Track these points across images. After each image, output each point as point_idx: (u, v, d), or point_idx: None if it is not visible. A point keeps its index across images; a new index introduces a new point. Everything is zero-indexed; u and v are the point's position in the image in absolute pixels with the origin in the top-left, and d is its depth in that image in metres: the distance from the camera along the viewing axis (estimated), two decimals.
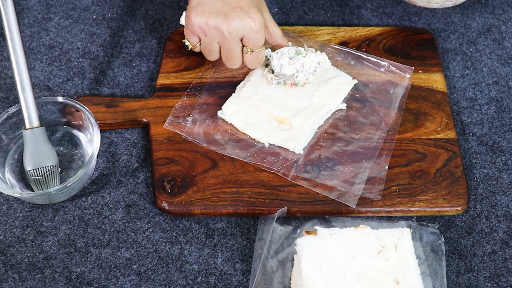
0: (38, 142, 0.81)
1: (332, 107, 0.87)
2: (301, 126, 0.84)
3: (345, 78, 0.90)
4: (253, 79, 0.89)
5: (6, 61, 0.97)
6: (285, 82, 0.88)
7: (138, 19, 1.03)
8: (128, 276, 0.76)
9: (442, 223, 0.80)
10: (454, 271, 0.77)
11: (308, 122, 0.85)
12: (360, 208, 0.79)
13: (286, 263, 0.75)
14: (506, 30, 1.02)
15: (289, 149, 0.84)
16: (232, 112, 0.86)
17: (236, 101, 0.87)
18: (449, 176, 0.82)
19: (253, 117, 0.86)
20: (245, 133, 0.86)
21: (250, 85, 0.89)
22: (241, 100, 0.87)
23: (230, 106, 0.87)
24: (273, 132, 0.85)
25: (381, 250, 0.70)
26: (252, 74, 0.90)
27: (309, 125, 0.85)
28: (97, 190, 0.83)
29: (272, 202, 0.80)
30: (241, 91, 0.88)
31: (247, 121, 0.86)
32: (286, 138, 0.84)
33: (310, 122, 0.85)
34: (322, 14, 1.03)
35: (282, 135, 0.84)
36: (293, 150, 0.83)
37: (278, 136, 0.84)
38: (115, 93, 0.93)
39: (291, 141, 0.83)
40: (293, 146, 0.83)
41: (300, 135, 0.84)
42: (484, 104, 0.92)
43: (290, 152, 0.84)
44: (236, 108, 0.87)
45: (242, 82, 0.90)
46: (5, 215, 0.81)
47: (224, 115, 0.87)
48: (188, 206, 0.79)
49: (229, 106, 0.87)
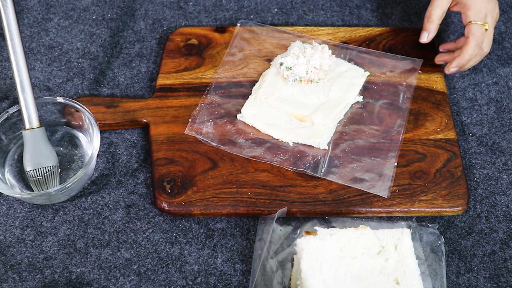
0: (38, 142, 0.81)
1: (350, 100, 0.88)
2: (322, 122, 0.85)
3: (357, 71, 0.91)
4: (268, 79, 0.90)
5: (6, 62, 0.97)
6: (301, 79, 0.88)
7: (138, 19, 1.03)
8: (128, 277, 0.76)
9: (442, 224, 0.80)
10: (454, 271, 0.77)
11: (329, 117, 0.85)
12: (360, 209, 0.79)
13: (286, 264, 0.75)
14: (506, 30, 1.02)
15: (314, 145, 0.84)
16: (252, 115, 0.86)
17: (254, 103, 0.87)
18: (449, 176, 0.82)
19: (274, 117, 0.87)
20: (267, 134, 0.86)
21: (266, 85, 0.89)
22: (259, 101, 0.87)
23: (250, 109, 0.87)
24: (295, 131, 0.85)
25: (381, 251, 0.70)
26: (266, 74, 0.91)
27: (331, 120, 0.85)
28: (97, 191, 0.83)
29: (272, 202, 0.80)
30: (258, 93, 0.88)
31: (268, 122, 0.86)
32: (309, 135, 0.85)
33: (331, 117, 0.86)
34: (322, 14, 1.03)
35: (305, 133, 0.85)
36: (318, 147, 0.84)
37: (302, 134, 0.85)
38: (115, 94, 0.93)
39: (315, 138, 0.84)
40: (317, 143, 0.84)
41: (323, 130, 0.85)
42: (484, 105, 0.92)
43: (315, 148, 0.84)
44: (256, 110, 0.87)
45: (257, 83, 0.90)
46: (5, 215, 0.81)
47: (244, 118, 0.87)
48: (188, 206, 0.79)
49: (248, 108, 0.87)
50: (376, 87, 0.91)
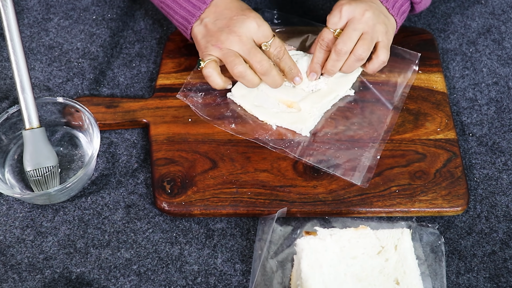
0: (38, 142, 0.81)
1: (340, 93, 0.89)
2: (309, 110, 0.86)
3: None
4: None
5: (6, 62, 0.97)
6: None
7: (137, 19, 1.03)
8: (128, 277, 0.76)
9: (442, 224, 0.80)
10: (454, 271, 0.77)
11: (316, 106, 0.86)
12: (360, 209, 0.79)
13: (286, 264, 0.75)
14: (506, 31, 1.02)
15: (296, 131, 0.85)
16: (242, 95, 0.88)
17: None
18: (449, 176, 0.82)
19: (262, 100, 0.88)
20: (253, 115, 0.87)
21: None
22: None
23: (240, 89, 0.88)
24: (281, 115, 0.86)
25: (381, 251, 0.70)
26: None
27: (317, 109, 0.86)
28: (97, 191, 0.83)
29: (271, 202, 0.80)
30: None
31: (256, 104, 0.87)
32: (293, 120, 0.86)
33: (318, 106, 0.86)
34: (322, 14, 1.03)
35: (290, 118, 0.86)
36: (299, 132, 0.85)
37: (286, 119, 0.86)
38: (115, 94, 0.93)
39: (298, 123, 0.85)
40: (300, 128, 0.85)
41: (308, 118, 0.86)
42: (484, 105, 0.92)
43: (297, 134, 0.85)
44: (246, 91, 0.88)
45: None
46: (5, 215, 0.81)
47: (234, 97, 0.89)
48: (188, 206, 0.79)
49: (238, 89, 0.88)
50: (372, 85, 0.91)
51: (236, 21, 0.83)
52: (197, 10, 0.86)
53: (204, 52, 0.84)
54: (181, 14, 0.88)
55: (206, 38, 0.85)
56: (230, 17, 0.84)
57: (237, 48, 0.83)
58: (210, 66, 0.83)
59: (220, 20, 0.84)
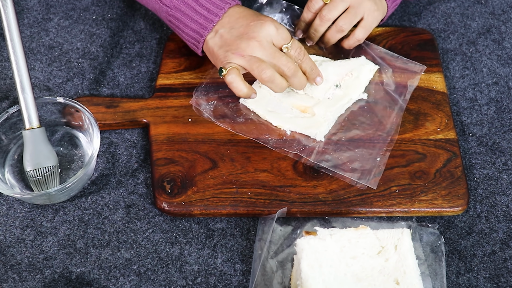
0: (38, 142, 0.81)
1: (353, 96, 0.89)
2: (323, 114, 0.86)
3: (367, 66, 0.92)
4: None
5: (6, 62, 0.97)
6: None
7: (138, 19, 1.03)
8: (128, 277, 0.76)
9: (442, 224, 0.80)
10: (454, 271, 0.77)
11: (330, 110, 0.86)
12: (360, 209, 0.79)
13: (286, 264, 0.75)
14: (506, 31, 1.02)
15: (311, 136, 0.85)
16: (255, 100, 0.87)
17: (259, 90, 0.88)
18: (449, 176, 0.82)
19: (275, 105, 0.87)
20: (267, 120, 0.87)
21: None
22: (263, 89, 0.88)
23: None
24: (295, 120, 0.86)
25: (381, 251, 0.70)
26: None
27: (331, 113, 0.86)
28: (97, 191, 0.83)
29: (272, 202, 0.80)
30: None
31: (269, 109, 0.87)
32: (308, 125, 0.85)
33: (332, 110, 0.86)
34: None
35: (304, 123, 0.86)
36: (314, 137, 0.85)
37: (300, 124, 0.86)
38: (115, 94, 0.93)
39: (313, 128, 0.85)
40: (314, 133, 0.85)
41: (322, 122, 0.85)
42: (484, 105, 0.92)
43: (312, 139, 0.85)
44: (259, 96, 0.87)
45: None
46: (5, 215, 0.81)
47: (246, 102, 0.88)
48: (188, 206, 0.79)
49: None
50: (384, 88, 0.90)
51: (254, 27, 0.82)
52: (210, 22, 0.84)
53: (224, 61, 0.82)
54: (192, 27, 0.86)
55: (224, 48, 0.82)
56: (246, 24, 0.82)
57: (260, 53, 0.81)
58: (233, 72, 0.80)
59: (236, 29, 0.83)
